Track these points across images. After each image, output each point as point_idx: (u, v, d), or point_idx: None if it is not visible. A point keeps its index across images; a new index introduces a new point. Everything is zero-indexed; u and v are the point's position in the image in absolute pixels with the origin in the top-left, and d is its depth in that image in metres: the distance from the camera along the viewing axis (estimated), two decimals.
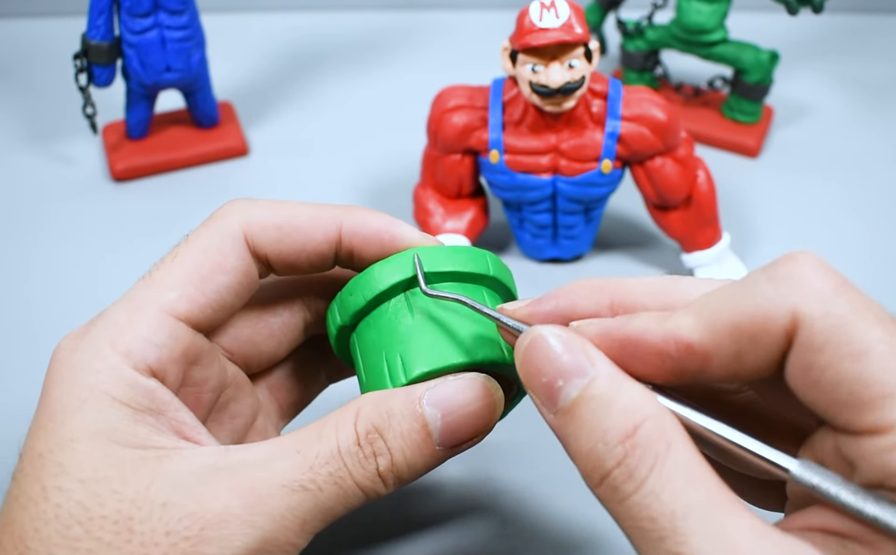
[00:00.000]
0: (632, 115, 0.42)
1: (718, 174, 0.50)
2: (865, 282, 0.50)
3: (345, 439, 0.25)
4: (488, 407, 0.27)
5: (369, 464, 0.26)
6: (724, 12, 0.53)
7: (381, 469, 0.26)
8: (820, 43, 0.65)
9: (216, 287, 0.28)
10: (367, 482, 0.26)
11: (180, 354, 0.27)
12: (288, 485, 0.25)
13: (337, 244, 0.29)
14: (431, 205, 0.45)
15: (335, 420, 0.26)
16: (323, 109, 0.59)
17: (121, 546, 0.24)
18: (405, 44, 0.65)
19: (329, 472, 0.25)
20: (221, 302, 0.28)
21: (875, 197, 0.52)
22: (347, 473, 0.25)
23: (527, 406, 0.29)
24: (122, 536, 0.24)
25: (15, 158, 0.54)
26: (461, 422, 0.26)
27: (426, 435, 0.26)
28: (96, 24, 0.48)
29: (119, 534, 0.24)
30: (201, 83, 0.52)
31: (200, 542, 0.24)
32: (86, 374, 0.26)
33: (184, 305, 0.27)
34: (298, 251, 0.29)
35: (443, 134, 0.43)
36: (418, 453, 0.26)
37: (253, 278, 0.29)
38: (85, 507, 0.24)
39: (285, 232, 0.29)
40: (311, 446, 0.25)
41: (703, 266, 0.45)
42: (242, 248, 0.29)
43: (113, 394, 0.26)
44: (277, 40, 0.65)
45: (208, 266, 0.28)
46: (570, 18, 0.39)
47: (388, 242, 0.29)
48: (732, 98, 0.55)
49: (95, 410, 0.25)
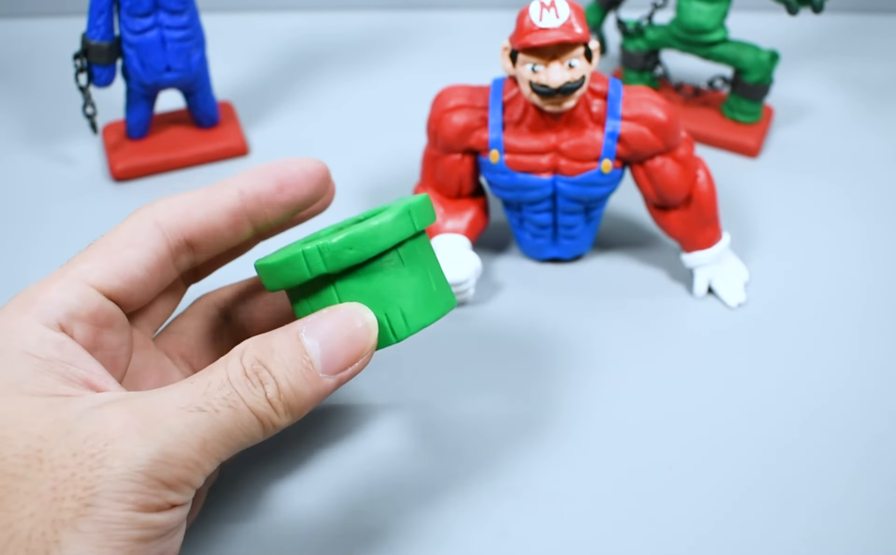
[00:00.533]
0: (632, 115, 0.42)
1: (718, 174, 0.50)
2: (865, 282, 0.50)
3: (233, 371, 0.28)
4: (363, 331, 0.30)
5: (258, 391, 0.28)
6: (724, 12, 0.53)
7: (270, 395, 0.28)
8: (820, 43, 0.65)
9: (124, 258, 0.31)
10: (259, 408, 0.28)
11: (89, 315, 0.30)
12: (185, 407, 0.27)
13: (240, 198, 0.32)
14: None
15: (222, 360, 0.28)
16: (323, 109, 0.59)
17: (32, 476, 0.25)
18: (405, 44, 0.65)
19: (223, 396, 0.27)
20: (130, 273, 0.31)
21: (875, 197, 0.52)
22: (239, 398, 0.27)
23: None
24: (33, 467, 0.25)
25: (15, 158, 0.54)
26: (339, 349, 0.29)
27: (308, 363, 0.29)
28: (96, 24, 0.48)
29: (30, 466, 0.25)
30: (201, 83, 0.52)
31: (106, 457, 0.25)
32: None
33: (94, 274, 0.30)
34: (206, 217, 0.32)
35: (443, 134, 0.43)
36: (303, 379, 0.29)
37: (163, 255, 0.32)
38: None
39: (189, 206, 0.32)
40: (202, 377, 0.28)
41: (704, 266, 0.45)
42: (150, 226, 0.31)
43: (22, 348, 0.28)
44: (277, 40, 0.65)
45: (117, 243, 0.31)
46: (570, 18, 0.39)
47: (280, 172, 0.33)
48: (732, 98, 0.55)
49: (5, 366, 0.27)
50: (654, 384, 0.41)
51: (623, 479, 0.37)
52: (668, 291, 0.46)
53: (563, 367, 0.42)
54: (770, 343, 0.43)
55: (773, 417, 0.40)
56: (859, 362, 0.42)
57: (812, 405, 0.40)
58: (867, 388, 0.41)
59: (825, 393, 0.41)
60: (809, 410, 0.40)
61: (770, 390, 0.41)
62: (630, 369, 0.42)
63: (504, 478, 0.37)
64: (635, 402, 0.40)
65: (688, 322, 0.44)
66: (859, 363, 0.42)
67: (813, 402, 0.40)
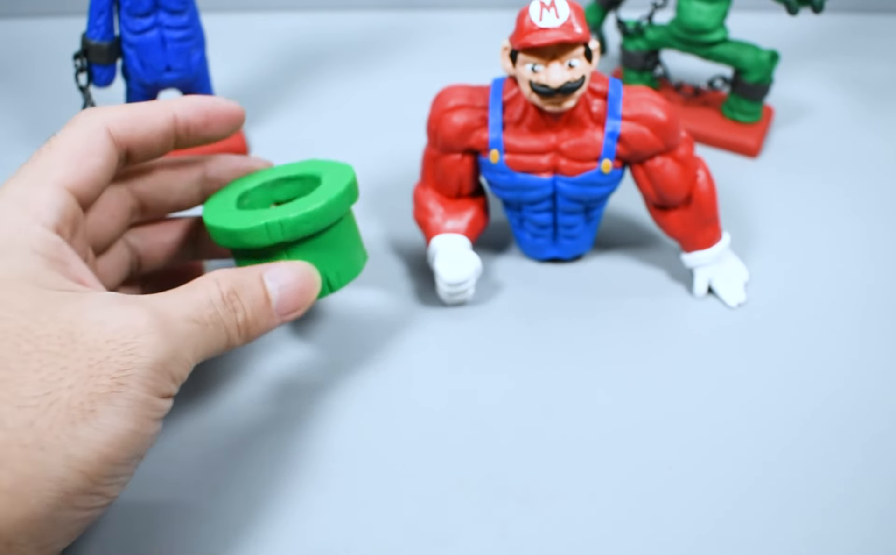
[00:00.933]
0: (632, 115, 0.42)
1: (718, 174, 0.50)
2: (865, 282, 0.50)
3: (214, 294, 0.33)
4: (311, 286, 0.37)
5: (232, 316, 0.34)
6: (724, 12, 0.53)
7: (240, 321, 0.34)
8: (820, 43, 0.65)
9: (91, 166, 0.34)
10: (231, 329, 0.34)
11: (70, 219, 0.33)
12: (186, 317, 0.32)
13: (174, 124, 0.37)
14: (431, 204, 0.45)
15: (202, 283, 0.33)
16: (323, 109, 0.59)
17: (68, 354, 0.29)
18: (405, 44, 0.65)
19: (210, 314, 0.33)
20: (95, 180, 0.34)
21: (875, 197, 0.52)
22: (221, 318, 0.33)
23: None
24: (68, 346, 0.29)
25: (15, 158, 0.54)
26: (291, 296, 0.36)
27: (267, 302, 0.35)
28: (96, 23, 0.48)
29: (65, 345, 0.29)
30: (201, 83, 0.52)
31: (137, 347, 0.29)
32: (4, 230, 0.31)
33: (70, 180, 0.33)
34: (147, 135, 0.36)
35: (443, 134, 0.43)
36: (262, 314, 0.35)
37: (114, 163, 0.36)
38: (30, 329, 0.29)
39: (135, 121, 0.36)
40: (193, 294, 0.33)
41: (703, 266, 0.45)
42: (105, 136, 0.35)
43: (30, 246, 0.31)
44: (277, 40, 0.65)
45: (80, 150, 0.34)
46: (570, 18, 0.39)
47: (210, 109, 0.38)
48: (732, 98, 0.56)
49: (18, 258, 0.31)
50: (655, 384, 0.41)
51: (623, 479, 0.37)
52: (668, 291, 0.46)
53: (563, 367, 0.42)
54: (770, 343, 0.43)
55: (773, 417, 0.40)
56: (859, 362, 0.42)
57: (812, 405, 0.40)
58: (867, 388, 0.41)
59: (825, 393, 0.41)
60: (809, 410, 0.40)
61: (770, 390, 0.41)
62: (630, 369, 0.42)
63: (504, 478, 0.37)
64: (635, 402, 0.40)
65: (688, 322, 0.44)
66: (859, 363, 0.42)
67: (813, 402, 0.40)
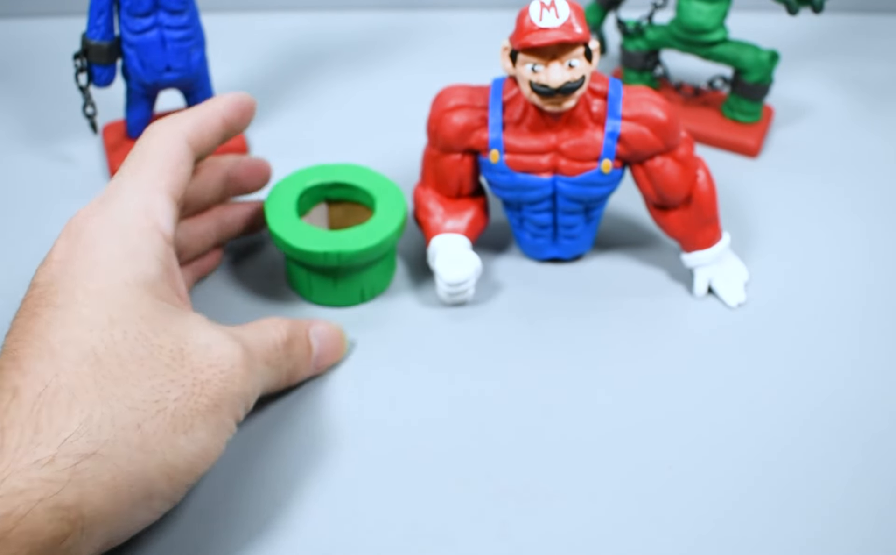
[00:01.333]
0: (632, 115, 0.42)
1: (718, 174, 0.50)
2: (865, 282, 0.50)
3: (279, 340, 0.37)
4: (342, 346, 0.41)
5: (288, 362, 0.38)
6: (724, 12, 0.53)
7: (290, 368, 0.38)
8: (820, 43, 0.65)
9: (183, 174, 0.36)
10: (284, 375, 0.38)
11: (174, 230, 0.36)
12: (263, 358, 0.36)
13: (224, 124, 0.39)
14: (431, 204, 0.45)
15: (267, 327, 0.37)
16: (323, 109, 0.59)
17: (177, 369, 0.31)
18: (405, 44, 0.65)
19: (276, 358, 0.37)
20: (185, 187, 0.37)
21: (875, 197, 0.52)
22: (281, 362, 0.37)
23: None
24: (177, 360, 0.31)
25: (15, 158, 0.54)
26: (327, 353, 0.40)
27: (310, 354, 0.39)
28: (96, 23, 0.48)
29: (175, 359, 0.31)
30: (201, 83, 0.52)
31: (232, 376, 0.33)
32: (131, 232, 0.33)
33: (173, 189, 0.36)
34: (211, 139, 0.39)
35: (443, 134, 0.43)
36: (304, 365, 0.39)
37: (192, 169, 0.38)
38: (146, 336, 0.31)
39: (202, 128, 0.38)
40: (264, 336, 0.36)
41: (703, 266, 0.45)
42: (187, 145, 0.37)
43: (155, 254, 0.33)
44: (277, 40, 0.65)
45: (174, 160, 0.36)
46: (570, 18, 0.39)
47: (240, 103, 0.40)
48: (732, 98, 0.55)
49: (145, 263, 0.33)
50: (654, 384, 0.41)
51: (623, 479, 0.37)
52: (668, 290, 0.46)
53: (564, 367, 0.42)
54: (770, 343, 0.43)
55: (772, 416, 0.40)
56: (859, 362, 0.42)
57: (812, 405, 0.40)
58: (867, 388, 0.41)
59: (825, 393, 0.41)
60: (809, 410, 0.40)
61: (770, 390, 0.41)
62: (630, 369, 0.42)
63: (504, 478, 0.37)
64: (635, 402, 0.40)
65: (688, 322, 0.44)
66: (859, 363, 0.42)
67: (812, 401, 0.40)
